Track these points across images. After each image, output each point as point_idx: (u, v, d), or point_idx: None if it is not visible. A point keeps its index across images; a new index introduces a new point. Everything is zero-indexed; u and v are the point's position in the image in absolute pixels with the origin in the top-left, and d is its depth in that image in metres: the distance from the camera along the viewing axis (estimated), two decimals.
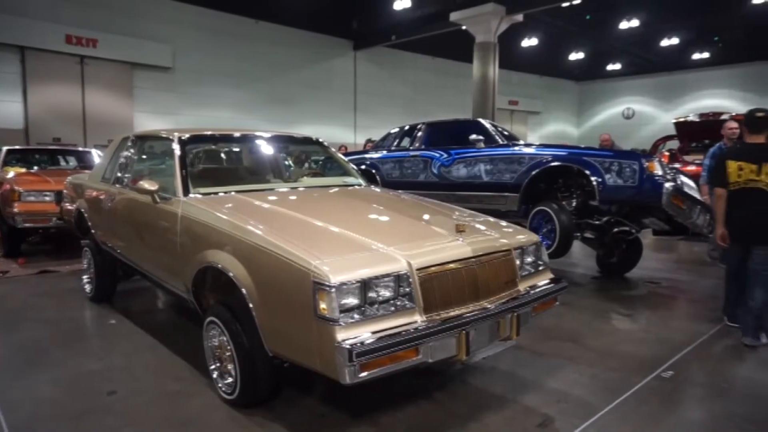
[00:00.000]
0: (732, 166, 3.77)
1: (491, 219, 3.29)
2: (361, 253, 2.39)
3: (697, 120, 9.36)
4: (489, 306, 2.56)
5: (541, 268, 3.05)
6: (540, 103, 25.54)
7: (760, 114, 3.85)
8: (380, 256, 2.37)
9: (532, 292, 2.84)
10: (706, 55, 21.21)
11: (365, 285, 2.22)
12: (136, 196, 3.67)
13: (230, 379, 2.75)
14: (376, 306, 2.25)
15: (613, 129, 15.39)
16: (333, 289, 2.13)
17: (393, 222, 3.10)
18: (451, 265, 2.49)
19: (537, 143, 5.98)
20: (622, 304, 4.97)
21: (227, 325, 2.68)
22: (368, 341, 2.11)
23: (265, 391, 2.73)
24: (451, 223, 2.77)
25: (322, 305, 2.14)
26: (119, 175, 4.28)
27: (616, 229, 5.30)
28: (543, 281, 3.00)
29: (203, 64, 15.65)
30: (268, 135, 4.33)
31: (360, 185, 4.10)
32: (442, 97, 20.72)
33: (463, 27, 15.01)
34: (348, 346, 2.07)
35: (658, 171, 4.76)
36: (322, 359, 2.19)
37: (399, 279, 2.31)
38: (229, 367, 2.74)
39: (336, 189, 3.96)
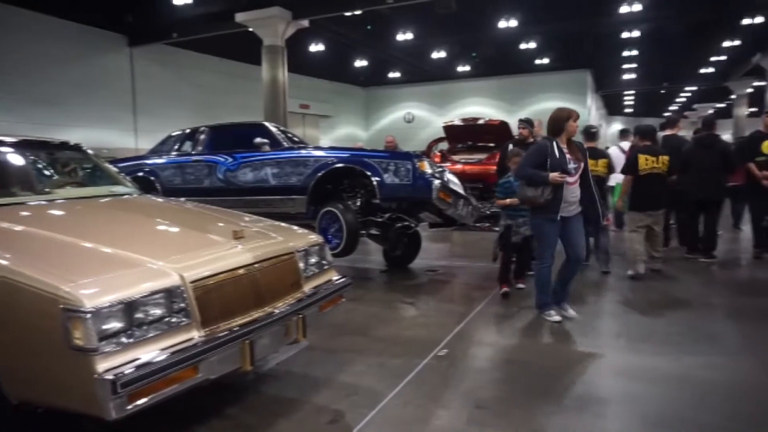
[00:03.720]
0: (641, 158, 5.46)
1: (275, 223, 3.27)
2: (124, 270, 2.16)
3: (461, 124, 10.69)
4: (273, 311, 2.54)
5: (325, 267, 3.13)
6: (330, 107, 26.39)
7: (645, 127, 5.88)
8: (148, 272, 2.17)
9: (317, 292, 2.90)
10: (467, 68, 24.33)
11: (130, 306, 2.01)
12: None
13: None
14: (146, 327, 2.06)
15: (396, 132, 16.70)
16: (89, 315, 1.88)
17: (166, 233, 2.88)
18: (230, 274, 2.40)
19: (326, 146, 6.17)
20: (406, 293, 5.42)
21: None
22: (135, 368, 1.91)
23: None
24: (230, 230, 2.68)
25: (77, 334, 1.88)
26: None
27: (398, 225, 5.76)
28: (327, 280, 3.09)
29: None
30: (12, 140, 3.65)
31: (131, 194, 3.72)
32: (233, 100, 19.99)
33: (250, 29, 14.73)
34: (111, 377, 1.85)
35: (428, 170, 5.31)
36: (83, 396, 1.92)
37: (171, 295, 2.14)
38: None
39: (105, 200, 3.53)
